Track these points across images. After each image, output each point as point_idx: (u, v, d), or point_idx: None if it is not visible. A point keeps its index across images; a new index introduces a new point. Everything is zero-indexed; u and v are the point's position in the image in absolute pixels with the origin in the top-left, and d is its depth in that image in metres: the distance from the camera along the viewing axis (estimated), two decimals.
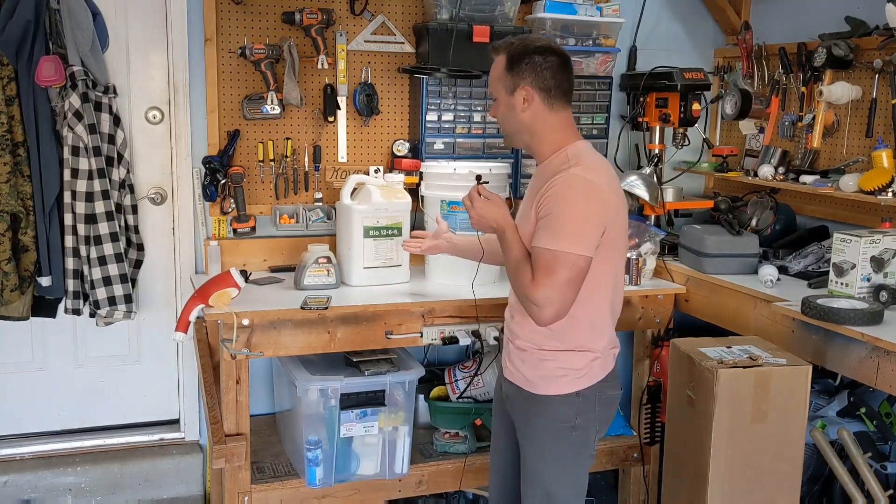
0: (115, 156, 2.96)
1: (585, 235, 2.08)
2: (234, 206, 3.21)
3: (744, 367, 2.36)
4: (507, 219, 2.19)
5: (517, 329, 2.29)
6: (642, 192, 3.32)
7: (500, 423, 2.48)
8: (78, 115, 2.78)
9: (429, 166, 3.22)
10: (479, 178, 2.30)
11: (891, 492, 2.61)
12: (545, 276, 2.06)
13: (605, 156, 3.42)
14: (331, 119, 3.28)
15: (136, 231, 3.10)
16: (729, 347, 2.52)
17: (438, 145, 3.34)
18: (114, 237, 2.89)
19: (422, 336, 2.89)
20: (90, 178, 2.83)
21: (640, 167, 3.63)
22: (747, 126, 3.65)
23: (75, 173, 2.82)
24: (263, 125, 3.25)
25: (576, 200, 2.09)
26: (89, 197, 2.83)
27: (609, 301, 2.25)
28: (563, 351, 2.23)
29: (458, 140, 3.36)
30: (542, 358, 2.24)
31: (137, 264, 3.14)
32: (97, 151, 2.83)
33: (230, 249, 3.24)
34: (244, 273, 2.74)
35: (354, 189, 3.06)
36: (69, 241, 2.86)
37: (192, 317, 2.72)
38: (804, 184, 3.17)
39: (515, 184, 3.41)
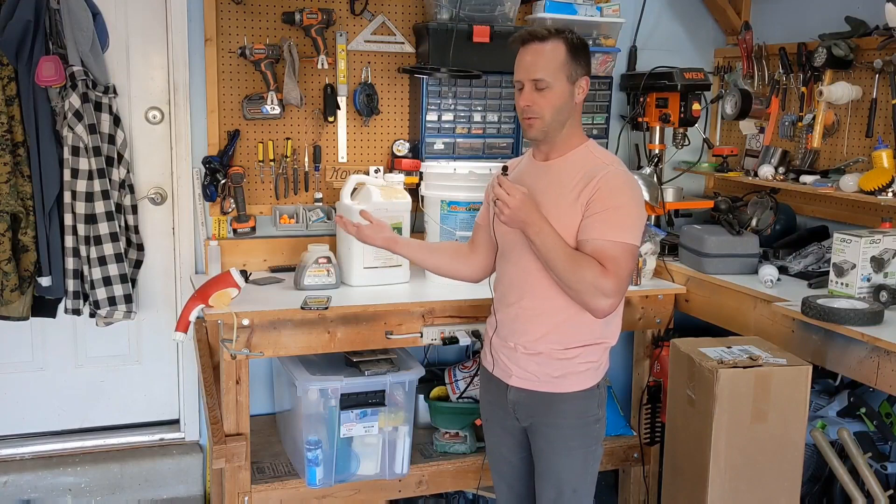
0: (115, 156, 2.96)
1: (640, 229, 2.17)
2: (234, 206, 3.21)
3: (744, 367, 2.36)
4: (542, 213, 2.13)
5: (530, 332, 2.25)
6: (642, 193, 3.32)
7: (502, 434, 2.42)
8: (78, 115, 2.78)
9: (429, 166, 3.22)
10: (505, 169, 2.17)
11: (891, 492, 2.60)
12: (617, 267, 2.10)
13: None
14: (331, 119, 3.28)
15: (136, 231, 3.10)
16: (729, 347, 2.52)
17: (438, 145, 3.34)
18: (114, 237, 2.89)
19: (422, 336, 2.88)
20: (90, 178, 2.83)
21: (640, 167, 3.63)
22: (747, 126, 3.65)
23: (75, 173, 2.82)
24: (263, 125, 3.25)
25: (631, 196, 2.17)
26: (89, 197, 2.83)
27: None
28: (585, 346, 2.24)
29: (458, 140, 3.36)
30: (562, 357, 2.23)
31: (137, 264, 3.14)
32: (97, 151, 2.83)
33: (230, 249, 3.24)
34: (244, 273, 2.74)
35: (354, 189, 3.06)
36: (69, 241, 2.86)
37: (192, 317, 2.71)
38: (804, 184, 3.17)
39: None
